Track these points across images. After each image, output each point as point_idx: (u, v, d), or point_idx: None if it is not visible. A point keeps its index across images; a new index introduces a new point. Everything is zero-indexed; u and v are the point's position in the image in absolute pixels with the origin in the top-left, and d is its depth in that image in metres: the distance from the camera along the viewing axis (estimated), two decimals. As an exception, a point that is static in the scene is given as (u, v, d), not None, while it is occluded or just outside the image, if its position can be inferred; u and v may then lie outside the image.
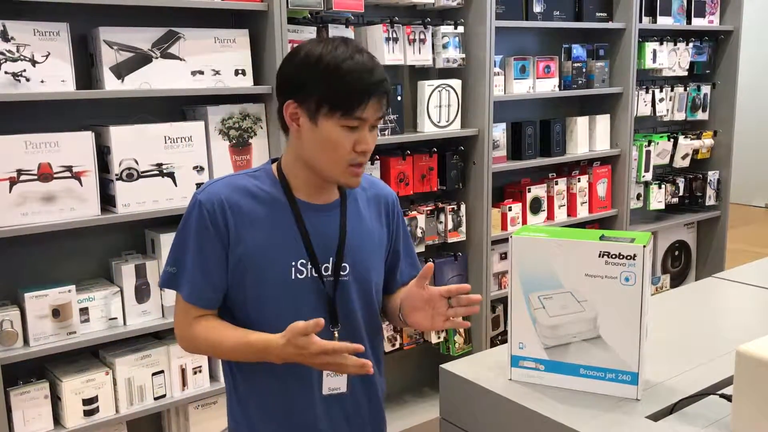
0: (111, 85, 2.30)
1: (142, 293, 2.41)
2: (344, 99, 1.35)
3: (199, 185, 2.29)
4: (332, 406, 1.51)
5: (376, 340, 1.59)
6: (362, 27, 2.88)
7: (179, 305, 1.47)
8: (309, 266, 1.44)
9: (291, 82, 1.40)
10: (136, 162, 2.32)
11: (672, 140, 4.10)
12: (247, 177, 1.48)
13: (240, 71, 2.53)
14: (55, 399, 2.30)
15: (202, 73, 2.46)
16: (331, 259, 1.46)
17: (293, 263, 1.43)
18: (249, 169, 1.52)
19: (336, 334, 1.46)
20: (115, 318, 2.38)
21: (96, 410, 2.34)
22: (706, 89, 4.23)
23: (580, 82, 3.58)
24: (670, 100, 4.05)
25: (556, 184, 3.59)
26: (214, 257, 1.42)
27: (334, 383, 1.49)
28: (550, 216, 3.60)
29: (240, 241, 1.41)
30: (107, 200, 2.34)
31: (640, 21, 3.70)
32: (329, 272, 1.47)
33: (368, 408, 1.57)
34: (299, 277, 1.44)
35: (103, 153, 2.31)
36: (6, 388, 2.18)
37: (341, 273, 1.48)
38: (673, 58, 3.96)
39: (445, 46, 3.04)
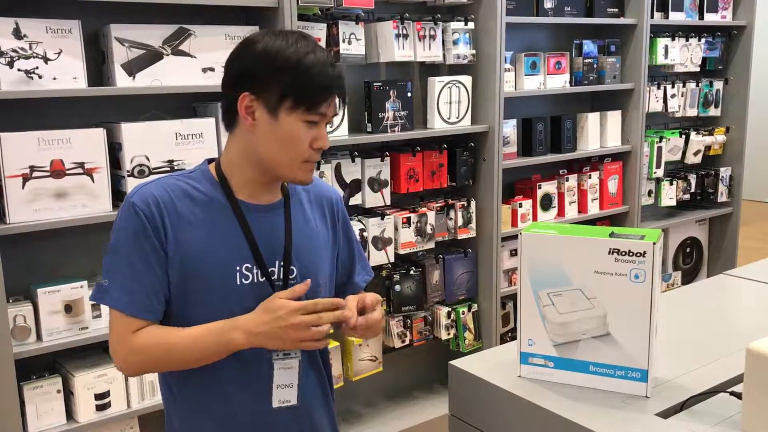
0: (122, 82, 2.32)
1: (153, 289, 2.43)
2: (310, 93, 1.32)
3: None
4: (286, 424, 1.44)
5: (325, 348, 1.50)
6: (372, 23, 2.88)
7: (117, 321, 1.36)
8: (255, 270, 1.38)
9: (249, 74, 1.34)
10: (148, 158, 2.33)
11: (684, 136, 4.08)
12: (182, 178, 1.40)
13: (250, 68, 2.53)
14: (68, 393, 2.32)
15: (212, 69, 2.46)
16: (277, 262, 1.40)
17: (238, 267, 1.37)
18: (182, 171, 1.44)
19: None
20: (127, 313, 2.40)
21: (108, 405, 2.36)
22: (718, 85, 4.20)
23: (591, 78, 3.56)
24: (682, 96, 4.02)
25: (567, 180, 3.58)
26: (158, 262, 1.33)
27: (284, 395, 1.42)
28: (561, 212, 3.59)
29: (179, 245, 1.34)
30: (119, 196, 2.35)
31: (652, 16, 3.68)
32: (277, 276, 1.40)
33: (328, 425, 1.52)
34: (245, 282, 1.37)
35: (114, 149, 2.33)
36: (19, 382, 2.20)
37: (290, 276, 1.41)
38: (685, 54, 3.94)
39: (455, 43, 3.04)
